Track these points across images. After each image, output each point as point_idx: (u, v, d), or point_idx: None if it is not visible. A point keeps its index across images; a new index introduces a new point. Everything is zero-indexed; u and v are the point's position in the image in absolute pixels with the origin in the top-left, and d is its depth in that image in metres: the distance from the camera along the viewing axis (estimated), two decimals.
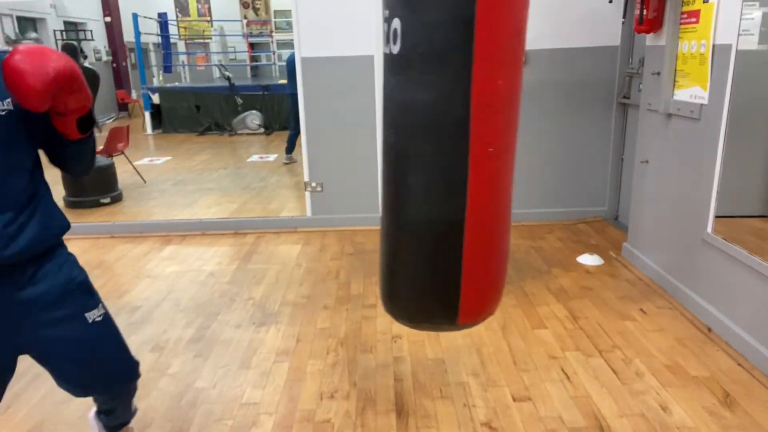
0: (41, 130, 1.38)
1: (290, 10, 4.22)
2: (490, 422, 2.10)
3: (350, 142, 4.28)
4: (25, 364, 2.60)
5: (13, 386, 2.43)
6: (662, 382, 2.30)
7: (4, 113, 1.29)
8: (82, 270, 1.54)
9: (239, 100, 9.99)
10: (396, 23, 1.27)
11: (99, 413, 1.85)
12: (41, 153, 1.46)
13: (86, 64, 9.38)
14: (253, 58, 16.11)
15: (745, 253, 2.46)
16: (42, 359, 1.53)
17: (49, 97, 1.23)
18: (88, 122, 1.39)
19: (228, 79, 10.29)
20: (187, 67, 14.50)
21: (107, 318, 1.56)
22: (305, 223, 4.47)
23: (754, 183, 2.81)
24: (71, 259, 1.52)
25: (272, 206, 5.10)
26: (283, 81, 11.06)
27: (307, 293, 3.28)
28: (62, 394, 2.33)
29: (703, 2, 2.68)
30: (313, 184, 4.40)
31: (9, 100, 1.29)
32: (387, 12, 1.31)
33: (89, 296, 1.53)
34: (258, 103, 10.07)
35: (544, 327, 2.78)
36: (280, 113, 9.97)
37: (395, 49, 1.29)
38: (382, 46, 1.38)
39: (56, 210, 1.47)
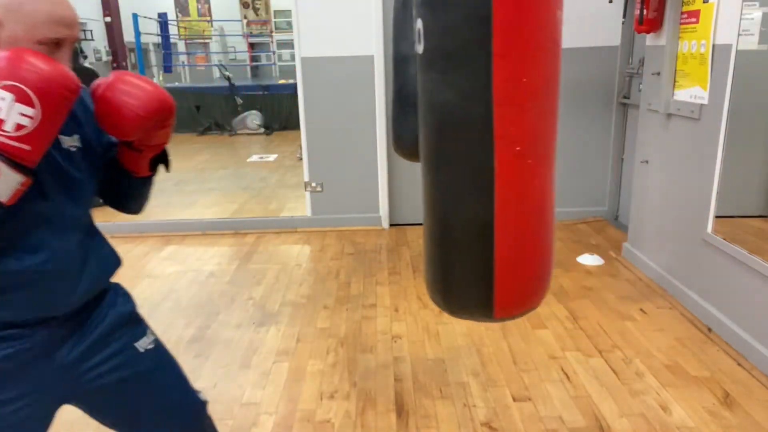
0: (101, 166, 1.29)
1: (290, 10, 4.23)
2: (490, 422, 2.10)
3: (350, 142, 4.28)
4: None
5: None
6: (662, 382, 2.30)
7: (74, 149, 1.19)
8: (130, 299, 1.40)
9: (239, 100, 9.99)
10: (419, 24, 1.28)
11: None
12: None
13: (86, 64, 9.38)
14: (253, 58, 16.10)
15: (745, 253, 2.46)
16: (95, 410, 1.33)
17: (143, 129, 1.18)
18: (159, 161, 1.32)
19: (228, 79, 10.29)
20: (187, 67, 14.50)
21: (159, 344, 1.38)
22: (305, 223, 4.47)
23: (754, 183, 2.81)
24: (121, 293, 1.39)
25: (272, 206, 5.10)
26: (284, 81, 11.08)
27: (307, 293, 3.28)
28: None
29: (703, 2, 2.68)
30: (313, 184, 4.40)
31: (77, 136, 1.20)
32: (414, 11, 1.33)
33: (138, 324, 1.37)
34: (258, 103, 10.06)
35: (544, 327, 2.78)
36: (280, 113, 9.96)
37: (420, 48, 1.30)
38: (415, 45, 1.40)
39: (111, 246, 1.36)
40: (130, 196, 1.39)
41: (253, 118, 9.77)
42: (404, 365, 2.50)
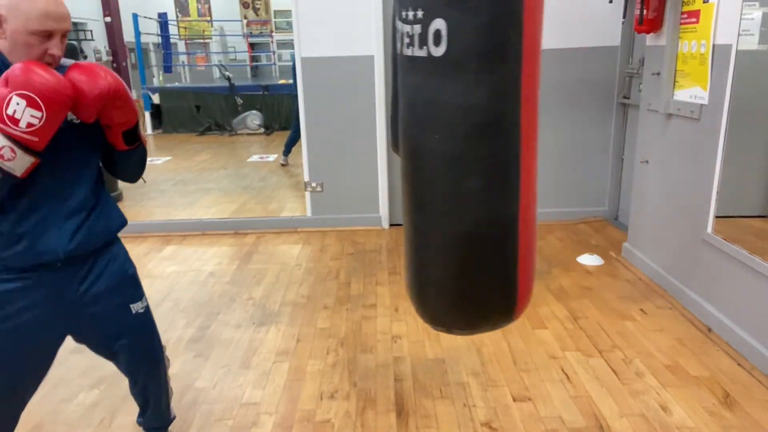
0: (102, 140, 1.56)
1: (290, 10, 4.23)
2: (490, 422, 2.10)
3: (350, 142, 4.28)
4: None
5: None
6: (662, 382, 2.30)
7: (77, 122, 1.46)
8: (132, 263, 1.73)
9: (239, 100, 9.99)
10: (439, 24, 1.21)
11: (139, 414, 1.94)
12: None
13: None
14: (253, 58, 16.10)
15: (745, 253, 2.46)
16: (83, 340, 1.69)
17: (94, 110, 1.40)
18: (133, 136, 1.55)
19: (228, 79, 10.29)
20: (187, 67, 14.50)
21: (148, 310, 1.74)
22: (305, 223, 4.47)
23: (754, 183, 2.81)
24: (123, 252, 1.71)
25: (272, 206, 5.10)
26: (284, 81, 11.08)
27: (307, 293, 3.28)
28: (62, 394, 2.34)
29: (703, 2, 2.68)
30: (313, 184, 4.40)
31: None
32: (420, 12, 1.25)
33: (136, 289, 1.70)
34: (258, 103, 10.06)
35: (544, 327, 2.78)
36: (280, 113, 9.96)
37: (438, 51, 1.24)
38: (409, 49, 1.30)
39: (115, 208, 1.65)
40: (118, 166, 1.65)
41: (253, 118, 9.77)
42: (404, 365, 2.50)
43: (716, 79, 2.60)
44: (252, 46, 16.10)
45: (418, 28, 1.26)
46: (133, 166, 1.65)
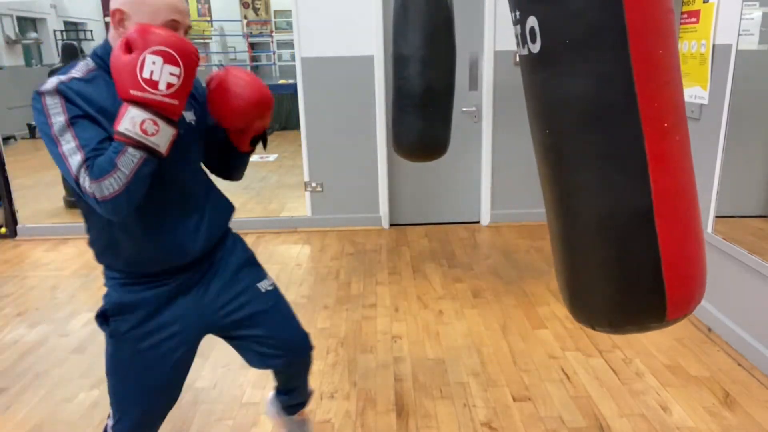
0: (212, 139, 1.54)
1: (290, 10, 4.23)
2: (490, 422, 2.10)
3: (350, 142, 4.28)
4: (25, 364, 2.60)
5: (13, 386, 2.43)
6: (662, 382, 2.30)
7: (193, 123, 1.43)
8: (247, 247, 1.67)
9: None
10: (532, 21, 1.20)
11: (278, 393, 1.89)
12: None
13: None
14: (253, 58, 16.10)
15: (745, 253, 2.46)
16: (226, 336, 1.61)
17: (249, 120, 1.41)
18: (259, 140, 1.56)
19: None
20: None
21: (276, 287, 1.64)
22: (305, 223, 4.47)
23: (754, 183, 2.80)
24: (239, 238, 1.65)
25: (272, 206, 5.09)
26: (284, 81, 11.07)
27: (307, 293, 3.28)
28: (62, 394, 2.34)
29: (703, 2, 2.68)
30: (313, 184, 4.40)
31: (192, 111, 1.43)
32: (517, 13, 1.26)
33: (258, 268, 1.63)
34: None
35: (544, 327, 2.78)
36: (280, 113, 9.96)
37: (535, 48, 1.22)
38: (520, 50, 1.31)
39: (224, 197, 1.62)
40: (234, 167, 1.65)
41: None
42: (404, 365, 2.50)
43: (716, 79, 2.60)
44: (252, 46, 16.10)
45: (518, 28, 1.26)
46: (245, 165, 1.66)
